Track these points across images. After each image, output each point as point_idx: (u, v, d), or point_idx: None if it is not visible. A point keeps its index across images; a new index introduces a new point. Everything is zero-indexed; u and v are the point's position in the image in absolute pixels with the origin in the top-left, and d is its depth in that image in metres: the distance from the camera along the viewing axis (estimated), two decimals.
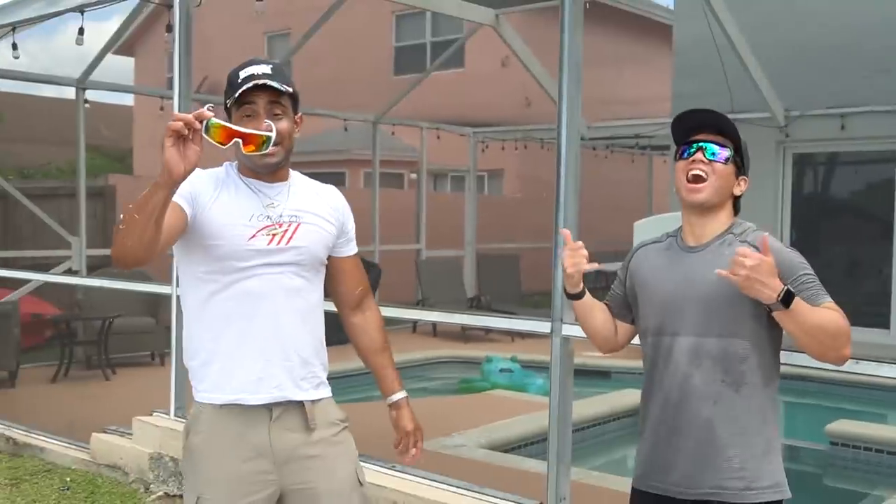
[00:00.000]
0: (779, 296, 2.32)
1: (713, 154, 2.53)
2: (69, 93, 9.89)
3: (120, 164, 23.25)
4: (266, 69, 2.54)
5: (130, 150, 23.26)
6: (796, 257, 2.51)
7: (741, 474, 2.50)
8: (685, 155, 2.57)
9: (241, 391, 2.57)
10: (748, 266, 2.29)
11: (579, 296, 2.74)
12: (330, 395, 2.72)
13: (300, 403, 2.61)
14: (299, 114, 2.63)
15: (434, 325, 11.08)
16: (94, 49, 9.52)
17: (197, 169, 2.57)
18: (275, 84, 2.50)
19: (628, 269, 2.76)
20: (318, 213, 2.66)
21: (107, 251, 10.38)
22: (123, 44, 21.96)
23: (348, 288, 2.79)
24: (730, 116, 9.02)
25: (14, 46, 6.76)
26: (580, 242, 2.69)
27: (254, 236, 2.54)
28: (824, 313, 2.39)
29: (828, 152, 10.69)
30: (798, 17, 10.25)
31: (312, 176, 2.80)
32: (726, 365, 2.50)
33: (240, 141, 2.34)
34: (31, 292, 9.27)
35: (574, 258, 2.65)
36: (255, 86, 2.49)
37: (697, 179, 2.53)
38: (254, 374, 2.56)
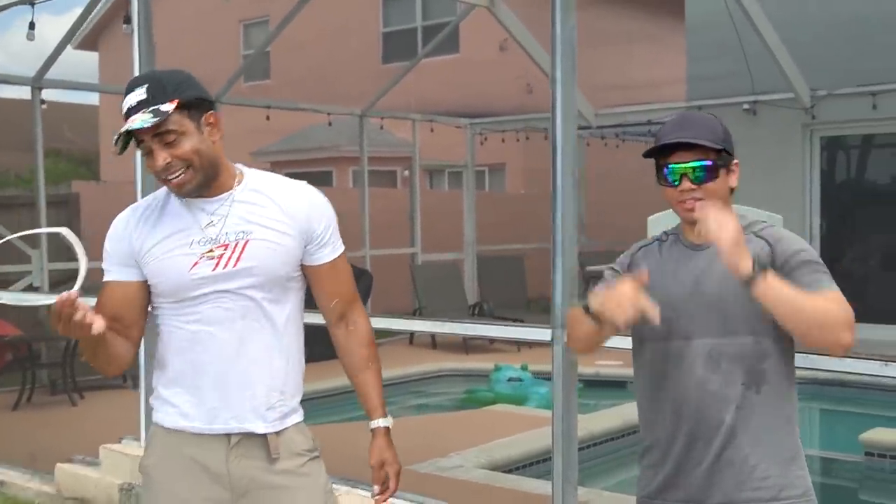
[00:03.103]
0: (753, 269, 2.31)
1: (700, 178, 2.52)
2: (26, 93, 9.91)
3: (86, 168, 23.31)
4: (141, 95, 2.43)
5: (97, 154, 23.29)
6: (802, 244, 2.53)
7: (767, 483, 2.50)
8: (670, 182, 2.55)
9: (196, 419, 2.57)
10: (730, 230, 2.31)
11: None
12: (299, 420, 2.67)
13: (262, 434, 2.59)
14: (210, 112, 2.52)
15: (433, 335, 11.10)
16: (53, 45, 9.57)
17: (125, 215, 2.64)
18: (140, 125, 2.39)
19: (633, 267, 2.71)
20: (268, 224, 2.56)
21: (71, 265, 10.44)
22: (86, 38, 22.12)
23: (324, 300, 2.70)
24: (750, 98, 8.88)
25: None
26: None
27: (196, 264, 2.51)
28: (806, 297, 2.35)
29: (859, 134, 10.69)
30: None
31: (296, 176, 2.74)
32: (746, 365, 2.51)
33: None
34: None
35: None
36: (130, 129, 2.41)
37: (694, 206, 2.52)
38: (209, 403, 2.56)
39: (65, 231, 2.33)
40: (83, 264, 2.31)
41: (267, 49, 17.65)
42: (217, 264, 2.51)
